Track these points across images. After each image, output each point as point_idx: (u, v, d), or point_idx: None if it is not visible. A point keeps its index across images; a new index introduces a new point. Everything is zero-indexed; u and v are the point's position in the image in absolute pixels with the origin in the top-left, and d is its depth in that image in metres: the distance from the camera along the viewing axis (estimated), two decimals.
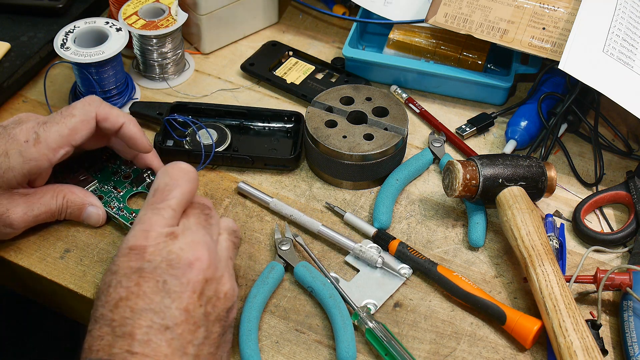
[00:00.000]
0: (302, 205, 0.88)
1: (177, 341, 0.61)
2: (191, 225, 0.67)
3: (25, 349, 1.12)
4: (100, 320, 0.61)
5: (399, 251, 0.81)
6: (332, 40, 1.10)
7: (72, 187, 0.83)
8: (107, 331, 0.60)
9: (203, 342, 0.63)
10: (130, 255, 0.63)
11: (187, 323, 0.62)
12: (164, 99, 1.00)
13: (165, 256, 0.63)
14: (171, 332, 0.60)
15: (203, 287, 0.63)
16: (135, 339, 0.59)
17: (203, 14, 1.02)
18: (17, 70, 0.99)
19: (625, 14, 0.94)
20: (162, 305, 0.61)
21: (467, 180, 0.81)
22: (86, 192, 0.84)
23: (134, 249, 0.63)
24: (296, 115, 0.95)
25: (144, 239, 0.64)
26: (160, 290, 0.62)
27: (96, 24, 0.95)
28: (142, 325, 0.60)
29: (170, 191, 0.67)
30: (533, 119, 0.94)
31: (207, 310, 0.64)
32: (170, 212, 0.66)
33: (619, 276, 0.76)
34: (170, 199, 0.67)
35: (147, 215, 0.66)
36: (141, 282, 0.62)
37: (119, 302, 0.61)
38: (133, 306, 0.61)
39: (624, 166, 0.93)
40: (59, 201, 0.82)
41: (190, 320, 0.62)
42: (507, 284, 0.81)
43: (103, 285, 0.63)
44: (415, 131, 0.97)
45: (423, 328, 0.77)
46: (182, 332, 0.61)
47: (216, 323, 0.64)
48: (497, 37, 0.95)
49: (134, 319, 0.60)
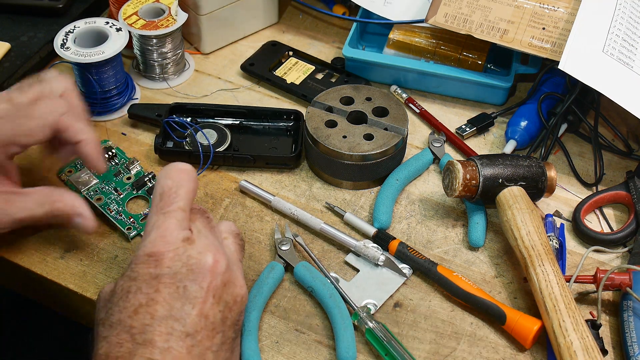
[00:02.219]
0: (302, 205, 0.88)
1: (197, 348, 0.60)
2: (201, 229, 0.67)
3: (25, 349, 1.12)
4: (118, 326, 0.60)
5: (399, 251, 0.81)
6: (332, 40, 1.10)
7: (62, 194, 0.77)
8: (127, 338, 0.60)
9: (220, 347, 0.63)
10: (149, 262, 0.63)
11: (206, 329, 0.62)
12: (164, 99, 1.00)
13: (185, 261, 0.63)
14: (192, 339, 0.60)
15: (222, 291, 0.63)
16: (156, 346, 0.59)
17: (203, 14, 1.02)
18: (17, 70, 0.99)
19: (625, 14, 0.94)
20: (183, 312, 0.61)
21: (467, 180, 0.81)
22: (76, 200, 0.77)
23: (152, 256, 0.63)
24: (295, 113, 0.95)
25: (162, 245, 0.63)
26: (181, 296, 0.61)
27: (96, 24, 0.95)
28: (163, 332, 0.60)
29: (176, 192, 0.67)
30: (533, 119, 0.94)
31: (225, 315, 0.64)
32: (182, 214, 0.66)
33: (619, 276, 0.76)
34: (178, 200, 0.66)
35: (160, 220, 0.65)
36: (161, 289, 0.61)
37: (139, 309, 0.61)
38: (153, 313, 0.60)
39: (624, 166, 0.93)
40: (45, 209, 0.75)
41: (210, 326, 0.62)
42: (507, 284, 0.81)
43: (121, 291, 0.63)
44: (415, 131, 0.97)
45: (423, 328, 0.77)
46: (202, 338, 0.61)
47: (231, 327, 0.65)
48: (497, 37, 0.95)
49: (154, 326, 0.60)
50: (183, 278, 0.62)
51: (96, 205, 0.86)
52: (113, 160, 0.91)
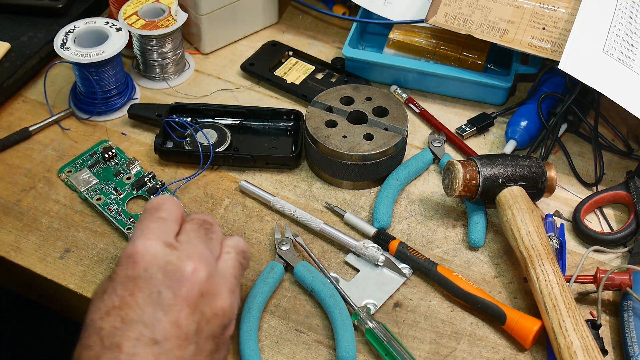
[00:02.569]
0: (302, 205, 0.88)
1: (165, 356, 0.58)
2: (190, 239, 0.65)
3: (25, 349, 1.13)
4: (90, 327, 0.59)
5: (399, 251, 0.81)
6: (332, 40, 1.10)
7: None
8: (96, 340, 0.58)
9: (193, 358, 0.60)
10: (127, 263, 0.62)
11: (177, 338, 0.59)
12: (164, 99, 1.00)
13: (162, 266, 0.61)
14: (159, 347, 0.58)
15: (197, 301, 0.61)
16: (122, 351, 0.57)
17: (203, 14, 1.02)
18: (17, 70, 0.99)
19: (625, 14, 0.94)
20: (154, 318, 0.59)
21: (467, 180, 0.81)
22: None
23: (131, 257, 0.62)
24: (295, 113, 0.95)
25: (142, 247, 0.62)
26: (154, 301, 0.60)
27: (96, 24, 0.95)
28: (131, 337, 0.58)
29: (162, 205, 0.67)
30: (533, 119, 0.94)
31: (201, 326, 0.61)
32: (168, 223, 0.65)
33: (619, 276, 0.76)
34: (166, 210, 0.66)
35: (145, 223, 0.65)
36: (136, 292, 0.60)
37: (111, 311, 0.59)
38: (124, 316, 0.59)
39: (624, 166, 0.93)
40: None
41: (182, 336, 0.60)
42: (507, 284, 0.81)
43: (99, 290, 0.62)
44: (415, 131, 0.97)
45: (423, 328, 0.77)
46: (172, 347, 0.59)
47: (209, 340, 0.62)
48: (497, 37, 0.95)
49: (123, 330, 0.58)
50: (158, 283, 0.60)
51: (96, 205, 0.86)
52: (113, 160, 0.91)
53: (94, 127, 0.96)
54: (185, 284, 0.61)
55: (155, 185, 0.88)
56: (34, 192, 0.88)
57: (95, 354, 0.58)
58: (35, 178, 0.90)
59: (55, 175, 0.90)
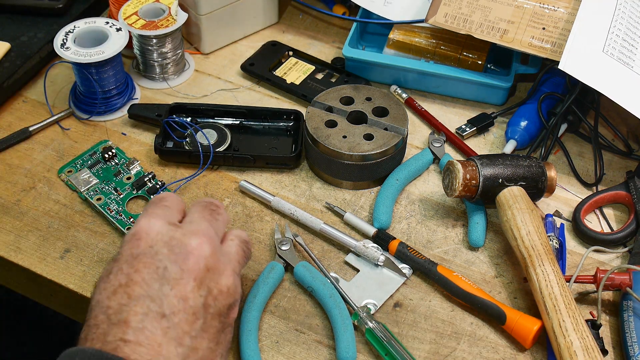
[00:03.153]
0: (302, 205, 0.88)
1: (173, 330, 0.59)
2: (194, 219, 0.67)
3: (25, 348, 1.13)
4: (97, 307, 0.59)
5: (399, 251, 0.81)
6: (332, 40, 1.10)
7: None
8: (103, 319, 0.58)
9: (201, 334, 0.61)
10: (132, 242, 0.63)
11: (184, 312, 0.60)
12: (164, 99, 1.00)
13: (167, 242, 0.62)
14: (167, 321, 0.59)
15: (204, 275, 0.62)
16: (129, 326, 0.57)
17: (203, 14, 1.02)
18: (17, 70, 0.99)
19: (625, 14, 0.94)
20: (160, 293, 0.59)
21: (467, 180, 0.81)
22: None
23: (136, 235, 0.63)
24: (295, 113, 0.95)
25: (146, 225, 0.63)
26: (160, 277, 0.60)
27: (96, 24, 0.95)
28: (138, 312, 0.58)
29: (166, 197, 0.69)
30: (533, 119, 0.94)
31: (207, 301, 0.62)
32: (173, 210, 0.67)
33: (619, 276, 0.76)
34: (169, 201, 0.68)
35: (150, 207, 0.67)
36: (141, 268, 0.60)
37: (118, 289, 0.59)
38: (130, 293, 0.59)
39: (624, 166, 0.93)
40: None
41: (189, 310, 0.60)
42: (507, 284, 0.81)
43: (104, 272, 0.62)
44: (415, 131, 0.97)
45: (423, 328, 0.77)
46: (179, 321, 0.59)
47: (215, 317, 0.63)
48: (497, 37, 0.95)
49: (130, 306, 0.58)
50: (164, 258, 0.61)
51: (96, 205, 0.86)
52: (113, 160, 0.91)
53: (94, 127, 0.96)
54: (190, 257, 0.62)
55: (155, 185, 0.88)
56: (34, 192, 0.88)
57: (102, 331, 0.57)
58: (35, 178, 0.90)
59: (55, 175, 0.90)
